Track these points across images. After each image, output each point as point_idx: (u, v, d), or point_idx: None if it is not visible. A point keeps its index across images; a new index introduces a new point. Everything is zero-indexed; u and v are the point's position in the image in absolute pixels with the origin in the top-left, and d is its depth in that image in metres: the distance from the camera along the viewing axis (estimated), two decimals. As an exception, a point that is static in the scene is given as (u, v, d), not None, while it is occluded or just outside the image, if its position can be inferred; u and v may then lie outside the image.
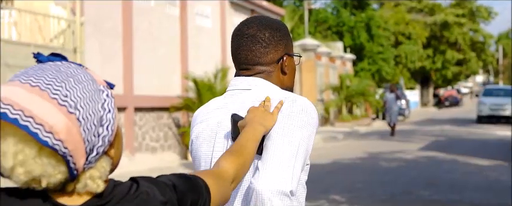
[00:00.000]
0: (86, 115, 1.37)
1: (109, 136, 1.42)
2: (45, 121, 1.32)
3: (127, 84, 15.38)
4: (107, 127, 1.41)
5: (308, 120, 2.16)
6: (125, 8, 15.37)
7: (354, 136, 26.60)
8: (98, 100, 1.41)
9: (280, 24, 2.35)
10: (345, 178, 13.32)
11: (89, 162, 1.39)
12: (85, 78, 1.41)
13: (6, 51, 11.09)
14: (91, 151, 1.38)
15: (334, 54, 35.87)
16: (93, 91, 1.40)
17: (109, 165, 1.46)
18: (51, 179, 1.35)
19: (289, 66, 2.34)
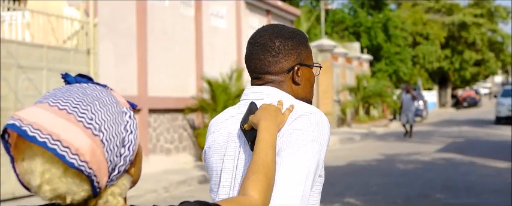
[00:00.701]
0: (110, 136, 1.46)
1: (130, 156, 1.51)
2: (71, 144, 1.41)
3: (141, 85, 15.31)
4: (128, 148, 1.50)
5: (319, 133, 2.10)
6: (139, 9, 15.29)
7: (371, 137, 26.43)
8: (121, 122, 1.50)
9: (295, 33, 2.30)
10: (361, 180, 13.17)
11: (111, 180, 1.49)
12: (109, 100, 1.50)
13: (19, 52, 11.04)
14: (113, 170, 1.48)
15: (351, 54, 35.67)
16: (116, 113, 1.49)
17: (129, 182, 1.56)
18: (76, 197, 1.46)
19: (303, 76, 2.29)
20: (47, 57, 11.66)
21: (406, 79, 47.20)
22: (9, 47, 10.84)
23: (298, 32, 2.32)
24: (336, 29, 43.67)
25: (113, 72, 14.37)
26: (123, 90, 14.66)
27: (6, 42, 10.85)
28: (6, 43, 10.82)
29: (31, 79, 11.24)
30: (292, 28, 2.33)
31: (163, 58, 16.25)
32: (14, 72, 10.87)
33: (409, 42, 52.18)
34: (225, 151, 2.22)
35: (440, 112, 53.90)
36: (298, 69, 2.27)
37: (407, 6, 59.37)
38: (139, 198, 11.12)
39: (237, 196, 1.87)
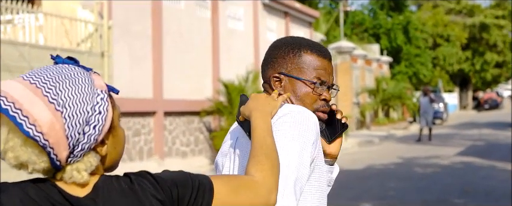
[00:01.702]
0: (73, 113, 1.56)
1: (96, 135, 1.60)
2: (31, 114, 1.52)
3: (156, 88, 15.21)
4: (94, 127, 1.59)
5: (300, 132, 2.09)
6: (154, 11, 15.20)
7: (390, 140, 26.18)
8: (89, 102, 1.59)
9: (284, 42, 2.33)
10: (378, 184, 12.97)
11: (75, 156, 1.59)
12: (83, 81, 1.60)
13: (32, 55, 10.97)
14: (76, 146, 1.58)
15: (370, 56, 35.43)
16: (86, 93, 1.59)
17: (96, 161, 1.63)
18: (36, 166, 1.57)
19: (288, 88, 2.28)
20: (60, 60, 11.57)
21: (427, 81, 46.84)
22: (22, 49, 10.77)
23: (290, 41, 2.32)
24: (356, 30, 43.43)
25: (128, 74, 14.28)
26: (137, 92, 14.57)
27: (19, 44, 10.78)
28: (19, 46, 10.76)
29: (44, 82, 11.16)
30: (292, 38, 2.34)
31: (179, 60, 16.14)
32: (27, 75, 10.80)
33: (429, 44, 51.80)
34: (233, 158, 2.26)
35: (461, 114, 53.43)
36: (277, 78, 2.29)
37: (428, 7, 58.96)
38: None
39: (235, 175, 1.90)
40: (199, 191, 1.71)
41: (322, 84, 2.28)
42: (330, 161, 2.36)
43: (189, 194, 1.69)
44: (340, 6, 36.18)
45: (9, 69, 10.37)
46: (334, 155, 2.36)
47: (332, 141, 2.34)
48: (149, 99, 15.02)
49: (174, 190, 1.68)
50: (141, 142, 14.79)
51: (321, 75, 2.28)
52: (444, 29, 56.20)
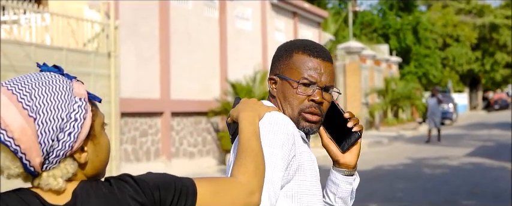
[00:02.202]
0: (46, 120, 1.58)
1: (71, 142, 1.61)
2: (3, 119, 1.55)
3: (164, 88, 15.16)
4: (69, 134, 1.60)
5: (269, 137, 2.07)
6: (162, 11, 15.15)
7: (399, 140, 26.07)
8: (65, 109, 1.60)
9: (285, 45, 2.30)
10: (386, 185, 12.88)
11: (50, 162, 1.61)
12: (60, 88, 1.62)
13: (38, 55, 10.92)
14: (51, 153, 1.59)
15: (379, 56, 35.29)
16: (62, 100, 1.60)
17: (74, 168, 1.64)
18: (10, 172, 1.60)
19: (280, 89, 2.25)
20: (66, 60, 11.54)
21: (436, 81, 46.65)
22: (28, 49, 10.73)
23: (290, 45, 2.28)
24: (365, 31, 43.30)
25: (135, 74, 14.23)
26: (145, 92, 14.52)
27: (25, 44, 10.74)
28: (25, 46, 10.72)
29: (50, 83, 11.11)
30: (297, 40, 2.30)
31: (187, 60, 16.08)
32: (33, 75, 10.75)
33: (439, 44, 51.57)
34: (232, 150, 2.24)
35: (471, 115, 53.20)
36: (273, 80, 2.28)
37: (437, 7, 58.74)
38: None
39: (218, 177, 1.88)
40: (181, 194, 1.72)
41: (311, 84, 2.20)
42: (344, 171, 2.27)
43: (171, 196, 1.71)
44: (349, 7, 36.06)
45: (14, 69, 10.32)
46: (349, 166, 2.27)
47: (346, 150, 2.25)
48: (156, 99, 14.97)
49: (156, 192, 1.69)
50: (148, 143, 14.74)
51: (310, 75, 2.21)
52: (454, 29, 55.98)
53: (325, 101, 2.22)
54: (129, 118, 14.06)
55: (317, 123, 2.23)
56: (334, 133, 2.26)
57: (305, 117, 2.21)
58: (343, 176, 2.28)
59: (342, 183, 2.29)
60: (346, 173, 2.27)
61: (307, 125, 2.22)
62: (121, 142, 13.58)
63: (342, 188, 2.29)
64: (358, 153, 2.27)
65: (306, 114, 2.21)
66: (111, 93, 12.68)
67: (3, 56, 10.18)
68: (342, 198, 2.31)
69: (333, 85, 2.24)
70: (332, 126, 2.27)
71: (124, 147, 13.89)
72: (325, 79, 2.22)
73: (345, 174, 2.28)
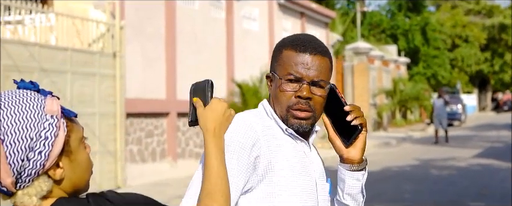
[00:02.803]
0: (14, 141, 1.59)
1: (42, 161, 1.62)
2: None
3: (170, 88, 15.10)
4: (39, 153, 1.61)
5: (227, 143, 2.04)
6: (168, 11, 15.09)
7: (407, 141, 25.94)
8: (34, 129, 1.61)
9: (278, 42, 2.27)
10: (393, 186, 12.78)
11: (23, 181, 1.63)
12: (31, 107, 1.63)
13: (43, 55, 10.88)
14: (22, 172, 1.61)
15: (387, 57, 35.16)
16: (32, 119, 1.61)
17: (48, 186, 1.65)
18: None
19: (273, 88, 2.22)
20: (71, 60, 11.48)
21: (445, 82, 46.47)
22: (32, 49, 10.69)
23: (281, 41, 2.23)
24: (373, 31, 43.17)
25: (140, 75, 14.18)
26: (150, 93, 14.47)
27: (30, 45, 10.70)
28: (30, 46, 10.67)
29: (55, 83, 11.06)
30: (290, 36, 2.25)
31: (193, 61, 16.02)
32: (37, 75, 10.70)
33: (448, 45, 51.38)
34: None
35: (480, 116, 52.96)
36: (269, 78, 2.25)
37: (446, 8, 58.54)
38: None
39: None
40: None
41: (298, 80, 2.14)
42: (349, 166, 2.19)
43: None
44: (357, 7, 35.95)
45: (18, 69, 10.28)
46: (354, 160, 2.18)
47: (349, 145, 2.17)
48: (162, 100, 14.91)
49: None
50: (154, 144, 14.68)
51: (296, 71, 2.15)
52: (463, 29, 55.78)
53: (315, 96, 2.15)
54: (134, 118, 14.01)
55: (306, 119, 2.16)
56: (340, 127, 2.20)
57: (293, 113, 2.15)
58: (348, 172, 2.20)
59: (347, 179, 2.21)
60: (351, 168, 2.19)
61: (296, 122, 2.16)
62: (126, 142, 13.53)
63: (349, 184, 2.21)
64: (362, 147, 2.18)
65: (294, 111, 2.15)
66: (116, 94, 12.63)
67: (7, 56, 10.14)
68: (350, 195, 2.23)
69: (323, 79, 2.15)
70: (338, 120, 2.21)
71: (129, 147, 13.83)
72: (313, 74, 2.14)
73: (350, 169, 2.20)
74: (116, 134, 12.59)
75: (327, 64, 2.18)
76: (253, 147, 2.06)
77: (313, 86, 2.15)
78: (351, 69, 30.15)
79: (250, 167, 2.05)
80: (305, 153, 2.21)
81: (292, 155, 2.16)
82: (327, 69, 2.17)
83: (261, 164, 2.07)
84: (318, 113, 2.18)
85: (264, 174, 2.08)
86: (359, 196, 2.23)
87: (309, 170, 2.19)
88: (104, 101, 12.34)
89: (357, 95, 30.11)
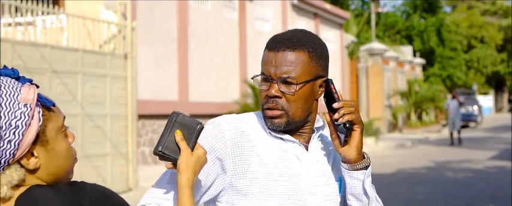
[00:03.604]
0: None
1: (11, 150, 1.59)
2: None
3: (182, 90, 15.01)
4: (8, 141, 1.58)
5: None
6: (180, 12, 15.01)
7: (423, 143, 25.73)
8: (4, 117, 1.58)
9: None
10: (407, 189, 12.61)
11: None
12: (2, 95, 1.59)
13: (53, 56, 10.81)
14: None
15: (402, 58, 34.95)
16: (2, 108, 1.58)
17: (19, 175, 1.62)
18: None
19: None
20: (82, 62, 11.41)
21: (461, 84, 46.19)
22: (43, 51, 10.62)
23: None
24: (388, 32, 42.96)
25: (152, 76, 14.10)
26: (162, 95, 14.38)
27: (40, 46, 10.64)
28: (40, 47, 10.61)
29: (66, 84, 11.00)
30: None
31: (205, 62, 15.93)
32: (48, 77, 10.64)
33: (464, 46, 51.07)
34: None
35: (496, 117, 52.60)
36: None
37: (462, 8, 58.22)
38: None
39: None
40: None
41: (268, 79, 2.10)
42: (347, 166, 2.11)
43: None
44: (371, 8, 35.76)
45: (29, 71, 10.20)
46: (350, 160, 2.09)
47: (344, 144, 2.09)
48: (175, 101, 14.82)
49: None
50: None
51: (265, 70, 2.12)
52: (479, 30, 55.42)
53: (285, 94, 2.08)
54: (146, 120, 13.92)
55: (276, 118, 2.10)
56: (338, 125, 2.11)
57: (265, 113, 2.12)
58: (347, 171, 2.12)
59: (347, 178, 2.13)
60: (349, 167, 2.11)
61: (268, 121, 2.12)
62: (138, 144, 13.45)
63: (350, 184, 2.12)
64: (356, 145, 2.08)
65: (265, 110, 2.12)
66: (127, 95, 12.55)
67: (18, 58, 10.08)
68: (353, 195, 2.13)
69: (290, 76, 2.07)
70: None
71: (141, 149, 13.75)
72: (281, 71, 2.08)
73: (348, 169, 2.11)
74: (127, 136, 12.51)
75: (300, 58, 2.09)
76: (212, 150, 2.07)
77: (283, 84, 2.08)
78: (366, 70, 29.97)
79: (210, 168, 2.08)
80: (295, 154, 2.14)
81: (270, 158, 2.12)
82: (299, 64, 2.09)
83: (228, 167, 2.08)
84: (292, 111, 2.10)
85: (233, 177, 2.08)
86: (363, 197, 2.13)
87: (295, 173, 2.12)
88: (116, 103, 12.26)
89: (372, 96, 29.92)
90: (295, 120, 2.12)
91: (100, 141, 11.77)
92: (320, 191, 2.15)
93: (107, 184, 11.57)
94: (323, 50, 2.15)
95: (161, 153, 1.91)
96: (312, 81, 2.11)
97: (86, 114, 11.40)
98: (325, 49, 2.17)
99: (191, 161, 1.88)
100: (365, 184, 2.11)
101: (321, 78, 2.14)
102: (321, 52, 2.13)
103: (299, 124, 2.15)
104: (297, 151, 2.15)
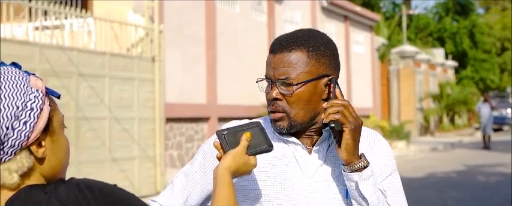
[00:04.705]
0: (2, 106, 1.52)
1: (26, 132, 1.56)
2: None
3: (210, 93, 14.98)
4: (24, 122, 1.55)
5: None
6: (208, 15, 14.98)
7: (455, 146, 25.44)
8: (20, 98, 1.55)
9: None
10: (437, 194, 12.43)
11: (5, 153, 1.55)
12: (16, 78, 1.58)
13: (81, 60, 10.83)
14: (6, 142, 1.54)
15: (434, 61, 34.62)
16: (18, 89, 1.56)
17: (29, 163, 1.59)
18: None
19: None
20: (109, 65, 11.42)
21: (494, 87, 45.66)
22: (70, 54, 10.65)
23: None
24: (420, 35, 42.61)
25: (180, 79, 14.08)
26: (190, 98, 14.37)
27: (68, 49, 10.67)
28: (68, 50, 10.64)
29: (93, 87, 11.02)
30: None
31: (234, 65, 15.89)
32: (75, 80, 10.67)
33: (497, 49, 50.49)
34: None
35: (531, 120, 51.86)
36: None
37: (496, 10, 57.54)
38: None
39: None
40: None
41: (268, 82, 2.08)
42: (344, 167, 2.03)
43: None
44: (403, 10, 35.47)
45: (56, 74, 10.24)
46: (343, 161, 2.01)
47: (339, 145, 2.01)
48: (203, 105, 14.80)
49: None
50: (194, 149, 14.57)
51: (266, 72, 2.09)
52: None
53: (286, 96, 2.04)
54: (174, 123, 13.91)
55: (278, 120, 2.06)
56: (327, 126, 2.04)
57: (270, 116, 2.09)
58: (343, 173, 2.04)
59: (345, 180, 2.06)
60: (345, 169, 2.03)
61: (272, 124, 2.09)
62: (166, 147, 13.44)
63: (348, 186, 2.05)
64: (345, 146, 1.99)
65: (270, 114, 2.09)
66: (155, 98, 12.54)
67: (45, 61, 10.12)
68: (353, 198, 2.05)
69: (288, 77, 2.02)
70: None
71: (169, 152, 13.74)
72: (278, 72, 2.04)
73: (344, 170, 2.03)
74: (155, 139, 12.50)
75: (297, 59, 2.04)
76: (206, 151, 2.16)
77: (283, 85, 2.04)
78: (397, 73, 29.73)
79: (201, 169, 2.17)
80: (295, 157, 2.09)
81: (267, 160, 2.10)
82: (297, 64, 2.03)
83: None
84: (294, 113, 2.05)
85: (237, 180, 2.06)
86: (361, 200, 2.03)
87: (290, 176, 2.08)
88: (143, 106, 12.26)
89: (403, 99, 29.67)
90: (298, 122, 2.06)
91: (127, 144, 11.78)
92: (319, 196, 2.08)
93: (134, 187, 11.58)
94: (326, 48, 2.08)
95: (223, 136, 1.91)
96: (312, 81, 2.04)
97: (114, 117, 11.41)
98: (330, 47, 2.10)
99: (241, 158, 1.88)
100: (360, 187, 2.01)
101: (325, 77, 2.06)
102: (323, 51, 2.06)
103: (305, 126, 2.09)
104: (298, 154, 2.10)
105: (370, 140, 2.18)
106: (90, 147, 10.83)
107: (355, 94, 22.93)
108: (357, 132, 2.00)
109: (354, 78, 22.72)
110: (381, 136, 2.22)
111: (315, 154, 2.11)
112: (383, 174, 2.12)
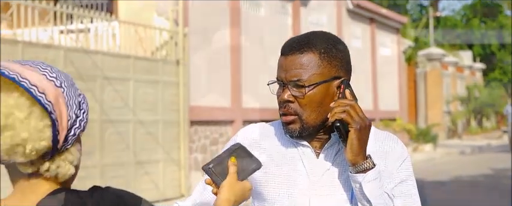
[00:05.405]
0: (70, 94, 1.53)
1: (84, 123, 1.57)
2: (38, 84, 1.47)
3: (235, 96, 14.98)
4: (83, 113, 1.57)
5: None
6: (233, 18, 14.99)
7: (482, 150, 25.20)
8: (76, 89, 1.58)
9: None
10: (462, 198, 12.31)
11: (67, 142, 1.53)
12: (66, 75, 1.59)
13: (105, 63, 10.89)
14: (70, 131, 1.53)
15: (461, 63, 34.34)
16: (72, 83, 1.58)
17: (78, 154, 1.57)
18: (36, 145, 1.46)
19: None
20: (134, 68, 11.47)
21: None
22: (95, 57, 10.71)
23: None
24: (448, 37, 42.31)
25: (204, 83, 14.09)
26: (215, 101, 14.37)
27: (92, 53, 10.73)
28: (92, 54, 10.70)
29: (117, 91, 11.06)
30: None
31: (259, 68, 15.87)
32: (100, 83, 10.72)
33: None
34: None
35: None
36: None
37: (524, 12, 56.94)
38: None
39: None
40: None
41: (280, 85, 2.08)
42: (349, 168, 2.00)
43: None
44: (429, 12, 35.24)
45: (81, 77, 10.29)
46: (350, 161, 1.97)
47: (346, 145, 1.98)
48: (227, 108, 14.79)
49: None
50: (219, 152, 14.56)
51: (278, 74, 2.09)
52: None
53: (298, 98, 2.02)
54: (198, 126, 13.92)
55: (291, 123, 2.05)
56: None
57: (282, 119, 2.08)
58: (349, 174, 2.01)
59: (351, 181, 2.03)
60: (350, 170, 1.99)
61: (284, 127, 2.07)
62: (191, 150, 13.45)
63: (353, 187, 2.02)
64: (349, 146, 1.96)
65: (281, 116, 2.08)
66: (180, 101, 12.57)
67: (70, 64, 10.18)
68: (358, 200, 2.01)
69: (300, 78, 2.01)
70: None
71: (194, 155, 13.76)
72: (289, 74, 2.04)
73: (350, 171, 2.00)
74: (179, 142, 12.53)
75: (309, 60, 2.02)
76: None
77: (295, 87, 2.02)
78: (424, 76, 29.53)
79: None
80: (302, 160, 2.08)
81: (274, 163, 2.11)
82: (309, 66, 2.02)
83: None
84: (306, 115, 2.02)
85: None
86: (364, 203, 1.99)
87: (298, 179, 2.07)
88: (168, 109, 12.29)
89: (430, 102, 29.45)
90: (310, 124, 2.04)
91: (152, 147, 11.81)
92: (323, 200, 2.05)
93: (159, 190, 11.60)
94: (338, 50, 2.05)
95: (210, 170, 1.87)
96: (324, 83, 2.02)
97: (138, 120, 11.45)
98: (342, 49, 2.07)
99: (236, 187, 1.83)
100: (364, 189, 1.97)
101: (337, 79, 2.04)
102: (335, 53, 2.04)
103: (317, 129, 2.06)
104: (305, 157, 2.08)
105: (384, 142, 2.13)
106: (115, 150, 10.87)
107: (382, 97, 22.80)
108: (363, 132, 1.96)
109: (380, 81, 22.60)
110: (397, 139, 2.17)
111: (322, 158, 2.09)
112: (395, 179, 2.07)
